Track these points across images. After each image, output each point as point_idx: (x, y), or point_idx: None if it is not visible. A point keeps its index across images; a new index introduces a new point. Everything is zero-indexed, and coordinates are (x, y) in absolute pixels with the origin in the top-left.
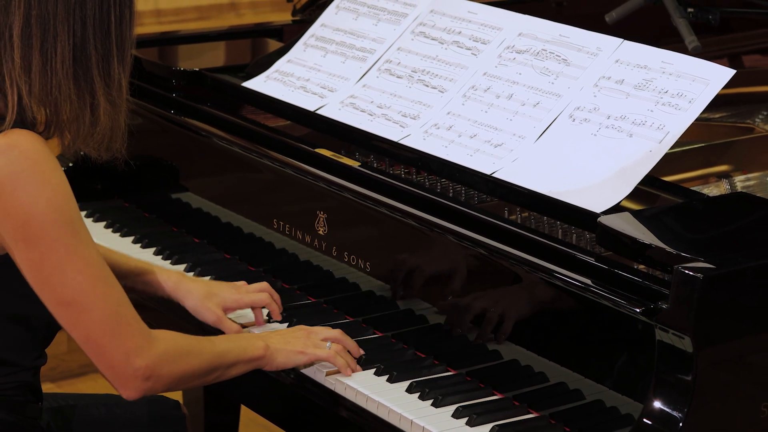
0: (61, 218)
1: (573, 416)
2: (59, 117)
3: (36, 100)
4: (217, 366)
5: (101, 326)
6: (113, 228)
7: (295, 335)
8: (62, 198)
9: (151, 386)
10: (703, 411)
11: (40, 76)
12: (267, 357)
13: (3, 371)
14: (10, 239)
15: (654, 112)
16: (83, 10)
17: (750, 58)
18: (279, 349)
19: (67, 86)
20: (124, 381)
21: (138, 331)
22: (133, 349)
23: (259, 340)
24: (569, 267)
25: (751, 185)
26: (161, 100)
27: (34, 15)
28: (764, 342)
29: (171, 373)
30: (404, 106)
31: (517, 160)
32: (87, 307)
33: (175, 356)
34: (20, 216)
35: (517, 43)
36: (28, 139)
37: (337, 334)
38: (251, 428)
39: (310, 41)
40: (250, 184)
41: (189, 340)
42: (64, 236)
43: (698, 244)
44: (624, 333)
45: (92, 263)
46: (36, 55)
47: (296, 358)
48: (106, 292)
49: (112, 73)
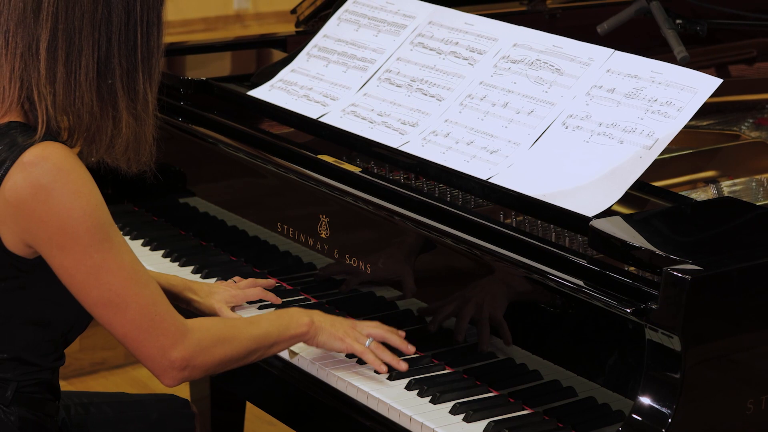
0: (94, 225)
1: (566, 412)
2: (81, 127)
3: (60, 109)
4: (256, 348)
5: (137, 323)
6: (123, 231)
7: (341, 322)
8: (94, 205)
9: (188, 374)
10: (690, 407)
11: (64, 87)
12: (311, 333)
13: (24, 370)
14: (45, 246)
15: (644, 120)
16: (109, 26)
17: (736, 68)
18: (323, 328)
19: (90, 98)
20: (162, 372)
21: (173, 325)
22: (169, 343)
23: (305, 316)
24: (562, 269)
25: (738, 190)
26: (170, 108)
27: (60, 29)
28: (749, 340)
29: (206, 361)
30: (403, 114)
31: (512, 166)
32: (122, 308)
33: (210, 345)
34: (54, 224)
35: (512, 54)
36: (59, 151)
37: (381, 332)
38: (256, 424)
39: (313, 51)
40: (255, 189)
41: (225, 327)
42: (97, 242)
43: (686, 246)
44: (615, 332)
45: (125, 266)
46: (60, 68)
47: (335, 343)
48: (139, 292)
49: (137, 88)
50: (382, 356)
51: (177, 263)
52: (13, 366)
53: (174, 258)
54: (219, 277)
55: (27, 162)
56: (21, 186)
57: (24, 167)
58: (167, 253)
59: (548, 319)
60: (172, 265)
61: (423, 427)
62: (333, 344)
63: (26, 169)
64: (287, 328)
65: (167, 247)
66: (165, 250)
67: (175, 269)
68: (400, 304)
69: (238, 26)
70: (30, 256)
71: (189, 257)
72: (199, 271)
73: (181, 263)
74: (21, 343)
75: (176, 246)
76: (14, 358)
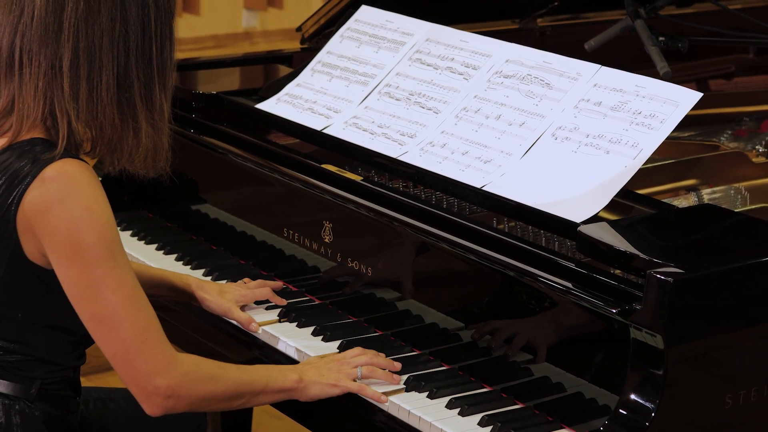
0: (101, 242)
1: (555, 407)
2: (104, 138)
3: (83, 123)
4: (242, 393)
5: (128, 344)
6: (138, 236)
7: (328, 366)
8: (104, 223)
9: (172, 405)
10: (673, 402)
11: (87, 102)
12: (300, 389)
13: (48, 369)
14: (54, 257)
15: (629, 131)
16: (126, 42)
17: (715, 83)
18: (313, 381)
19: (111, 111)
20: (146, 397)
21: (162, 352)
22: (156, 369)
23: (292, 373)
24: (552, 272)
25: (717, 197)
26: (182, 120)
27: (81, 47)
28: (728, 339)
29: (191, 394)
30: (402, 126)
31: (504, 175)
32: (116, 325)
33: (197, 379)
34: (65, 237)
35: (504, 69)
36: (77, 168)
37: (367, 359)
38: (264, 418)
39: (317, 67)
40: (262, 197)
41: (214, 366)
42: (102, 258)
43: (669, 251)
44: (601, 332)
45: (126, 285)
46: (83, 84)
47: (330, 390)
48: (135, 313)
49: (153, 99)
50: (377, 377)
51: (189, 266)
52: (37, 365)
53: (186, 261)
54: (229, 279)
55: (46, 177)
56: (38, 200)
57: (43, 182)
58: (180, 257)
59: (537, 318)
60: (184, 268)
61: (421, 421)
62: (329, 392)
63: (44, 183)
64: (275, 380)
65: (180, 251)
66: (178, 254)
67: (188, 272)
68: (399, 304)
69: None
70: (49, 266)
71: (200, 260)
72: (210, 273)
73: (192, 266)
74: (44, 344)
75: (188, 250)
76: (38, 358)
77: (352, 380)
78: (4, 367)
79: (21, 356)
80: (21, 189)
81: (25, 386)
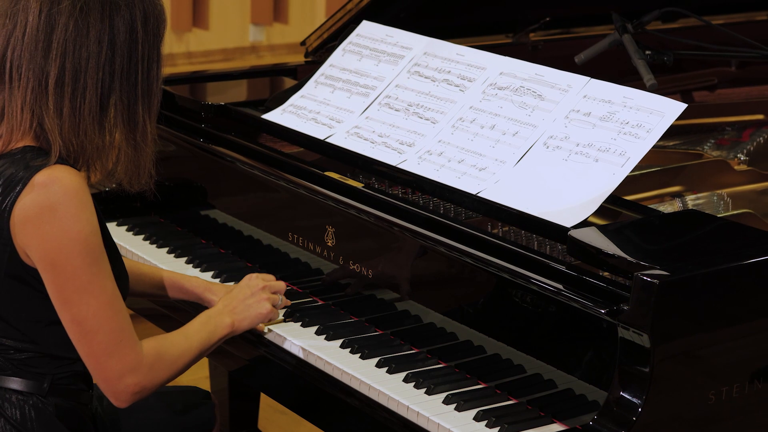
0: (85, 250)
1: (547, 402)
2: (84, 155)
3: (65, 139)
4: (195, 357)
5: (103, 346)
6: (150, 240)
7: (249, 299)
8: (89, 232)
9: (139, 397)
10: (659, 398)
11: (69, 119)
12: (235, 327)
13: (58, 364)
14: (39, 262)
15: (617, 141)
16: (112, 66)
17: (699, 94)
18: (244, 316)
19: (93, 130)
20: (116, 394)
21: (132, 351)
22: (127, 369)
23: (225, 317)
24: (543, 274)
25: (701, 203)
26: (192, 130)
27: (68, 67)
28: (711, 338)
29: (156, 383)
30: (401, 135)
31: (499, 182)
32: (95, 328)
33: (161, 368)
34: (52, 244)
35: (498, 81)
36: (68, 175)
37: (269, 286)
38: (269, 413)
39: (320, 79)
40: (268, 203)
41: (171, 348)
42: (86, 265)
43: (655, 254)
44: (591, 331)
45: (106, 291)
46: (66, 103)
47: (258, 320)
48: (113, 317)
49: (137, 120)
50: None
51: (198, 269)
52: (46, 361)
53: (196, 264)
54: (236, 281)
55: (37, 183)
56: (29, 205)
57: (34, 188)
58: (190, 260)
59: (530, 318)
60: (194, 271)
61: (419, 416)
62: (257, 322)
63: (35, 189)
64: (215, 334)
65: (190, 254)
66: (188, 257)
67: (197, 274)
68: (398, 305)
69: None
70: None
71: (209, 263)
72: (219, 275)
73: (202, 269)
74: (51, 340)
75: (198, 253)
76: (48, 354)
77: (272, 305)
78: (15, 365)
79: (30, 353)
80: (13, 196)
81: (37, 382)
